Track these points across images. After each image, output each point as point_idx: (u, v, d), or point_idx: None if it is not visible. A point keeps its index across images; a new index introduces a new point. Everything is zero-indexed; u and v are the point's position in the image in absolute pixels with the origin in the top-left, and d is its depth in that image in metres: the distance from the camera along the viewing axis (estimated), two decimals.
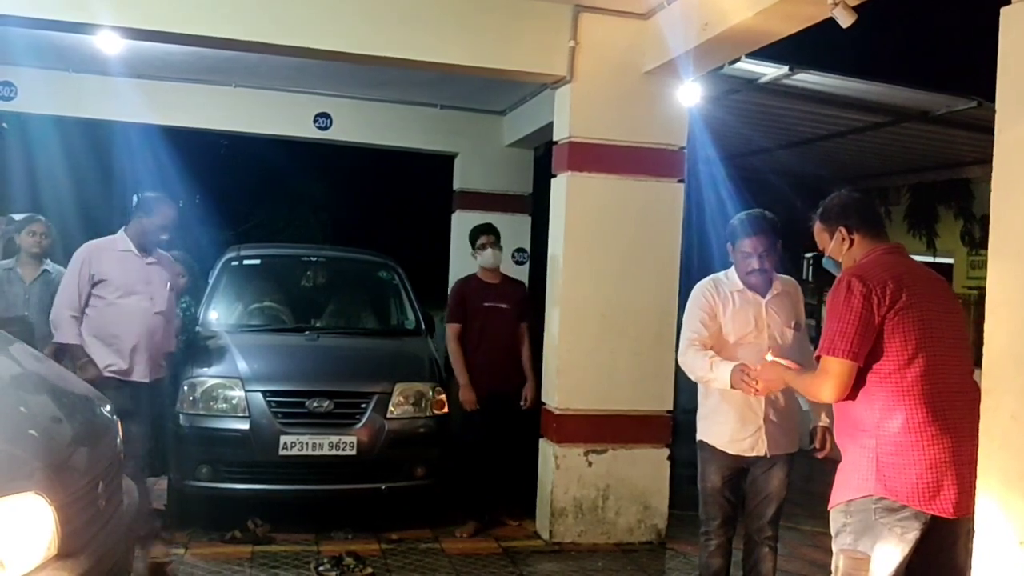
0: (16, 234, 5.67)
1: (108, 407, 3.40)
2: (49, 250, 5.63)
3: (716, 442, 3.91)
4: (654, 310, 5.54)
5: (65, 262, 5.77)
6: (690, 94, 5.52)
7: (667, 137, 5.60)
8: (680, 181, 5.64)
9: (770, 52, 5.21)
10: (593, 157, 5.52)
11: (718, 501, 3.95)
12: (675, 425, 5.65)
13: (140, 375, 4.89)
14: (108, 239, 5.05)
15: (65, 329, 4.82)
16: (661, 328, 5.52)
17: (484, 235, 5.75)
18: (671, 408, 5.66)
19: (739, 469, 3.93)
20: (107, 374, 4.77)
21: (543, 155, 8.59)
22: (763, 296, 3.87)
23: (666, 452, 5.62)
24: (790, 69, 5.69)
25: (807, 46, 5.37)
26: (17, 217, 5.98)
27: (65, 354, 4.83)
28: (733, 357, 3.72)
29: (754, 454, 3.86)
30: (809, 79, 5.95)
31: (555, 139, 5.74)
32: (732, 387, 3.63)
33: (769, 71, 5.78)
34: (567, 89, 5.55)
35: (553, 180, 5.77)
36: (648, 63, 5.47)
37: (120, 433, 3.35)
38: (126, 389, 4.78)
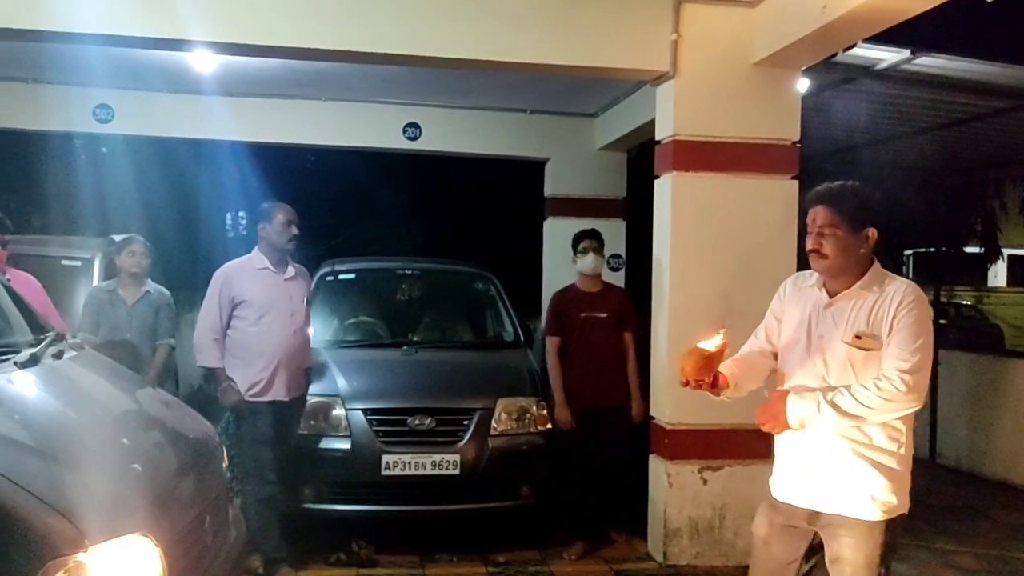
0: (116, 255, 5.67)
1: (214, 433, 3.26)
2: (149, 271, 5.61)
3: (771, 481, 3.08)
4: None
5: (164, 282, 5.79)
6: (802, 84, 5.17)
7: (779, 131, 5.26)
8: (794, 177, 5.29)
9: (887, 36, 4.84)
10: (699, 155, 5.22)
11: (760, 557, 3.07)
12: None
13: (280, 394, 4.85)
14: (244, 259, 5.03)
15: (207, 352, 4.81)
16: None
17: (587, 239, 5.49)
18: None
19: (798, 527, 2.97)
20: (248, 398, 4.74)
21: (637, 156, 8.32)
22: (830, 296, 2.91)
23: None
24: (912, 53, 5.28)
25: (926, 28, 4.99)
26: (117, 238, 5.98)
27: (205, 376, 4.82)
28: (788, 377, 2.96)
29: (803, 506, 2.91)
30: (931, 63, 5.52)
31: (657, 138, 5.45)
32: None
33: (888, 56, 5.38)
34: (670, 85, 5.26)
35: (656, 181, 5.48)
36: (757, 53, 5.15)
37: (226, 459, 3.22)
38: (267, 411, 4.76)
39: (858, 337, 2.79)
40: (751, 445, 5.19)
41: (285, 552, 4.87)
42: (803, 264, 5.27)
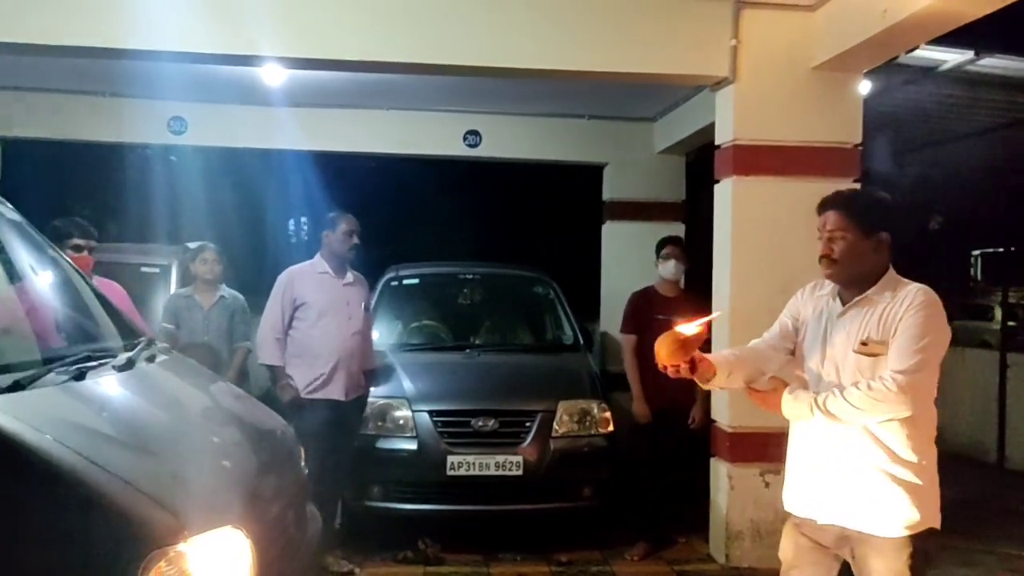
0: (190, 262, 5.91)
1: (291, 432, 3.42)
2: (222, 276, 5.83)
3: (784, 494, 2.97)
4: None
5: (237, 287, 6.00)
6: (864, 87, 5.17)
7: (840, 134, 5.26)
8: (856, 180, 5.26)
9: (950, 37, 4.82)
10: (760, 159, 5.25)
11: None
12: None
13: (337, 393, 5.02)
14: (307, 263, 5.27)
15: (269, 351, 5.04)
16: None
17: (670, 245, 5.59)
18: None
19: (826, 549, 2.86)
20: (305, 395, 4.92)
21: (696, 160, 8.33)
22: (843, 304, 2.85)
23: None
24: (976, 54, 5.25)
25: (989, 29, 4.94)
26: (191, 246, 6.22)
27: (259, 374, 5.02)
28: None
29: (826, 522, 2.80)
30: (996, 64, 5.48)
31: (717, 143, 5.49)
32: None
33: (951, 57, 5.36)
34: (729, 90, 5.30)
35: (716, 186, 5.53)
36: (817, 57, 5.16)
37: (304, 458, 3.37)
38: (323, 409, 4.92)
39: (864, 344, 2.73)
40: None
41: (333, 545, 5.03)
42: None
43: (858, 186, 5.26)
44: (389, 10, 5.10)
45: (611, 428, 5.58)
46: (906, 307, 2.69)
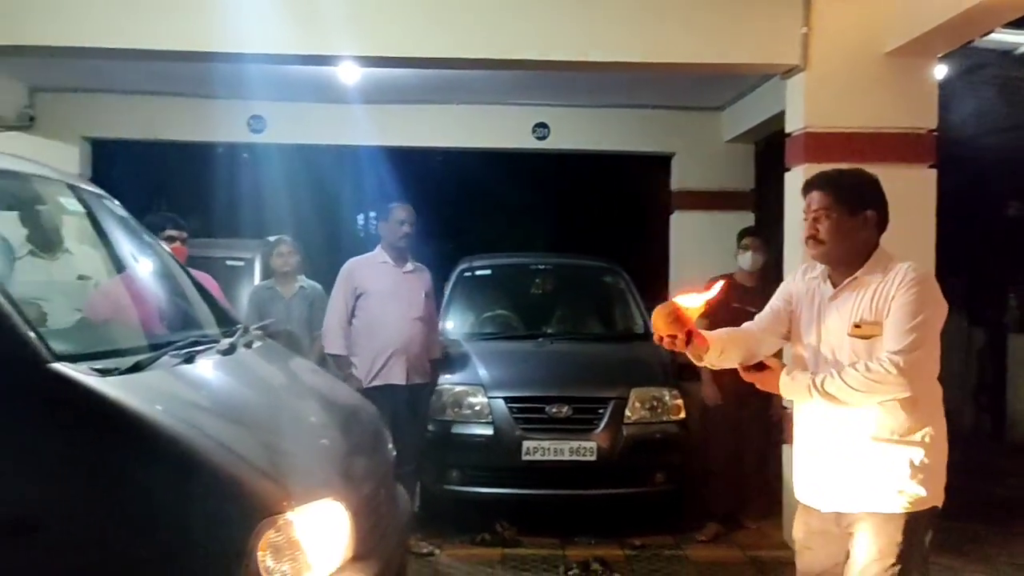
0: (269, 256, 6.16)
1: (379, 414, 3.58)
2: (299, 267, 6.05)
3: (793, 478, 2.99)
4: None
5: (315, 278, 6.23)
6: (939, 71, 5.12)
7: (914, 120, 5.22)
8: (932, 166, 5.24)
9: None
10: (832, 147, 5.22)
11: (802, 562, 2.93)
12: None
13: (398, 378, 5.17)
14: (368, 255, 5.46)
15: (333, 340, 5.22)
16: None
17: (749, 236, 5.64)
18: None
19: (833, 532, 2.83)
20: (367, 383, 5.09)
21: (765, 148, 8.30)
22: (834, 286, 2.81)
23: None
24: None
25: None
26: (272, 240, 6.47)
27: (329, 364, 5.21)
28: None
29: (828, 511, 2.80)
30: None
31: (788, 131, 5.50)
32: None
33: None
34: (800, 78, 5.30)
35: (787, 174, 5.53)
36: (890, 43, 5.12)
37: (391, 440, 3.53)
38: (386, 394, 5.08)
39: (857, 326, 2.69)
40: None
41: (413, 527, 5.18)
42: (942, 255, 5.26)
43: (934, 172, 5.24)
44: (460, 8, 5.22)
45: (683, 415, 5.64)
46: (898, 285, 2.65)
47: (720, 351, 2.79)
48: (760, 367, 2.83)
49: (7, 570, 2.23)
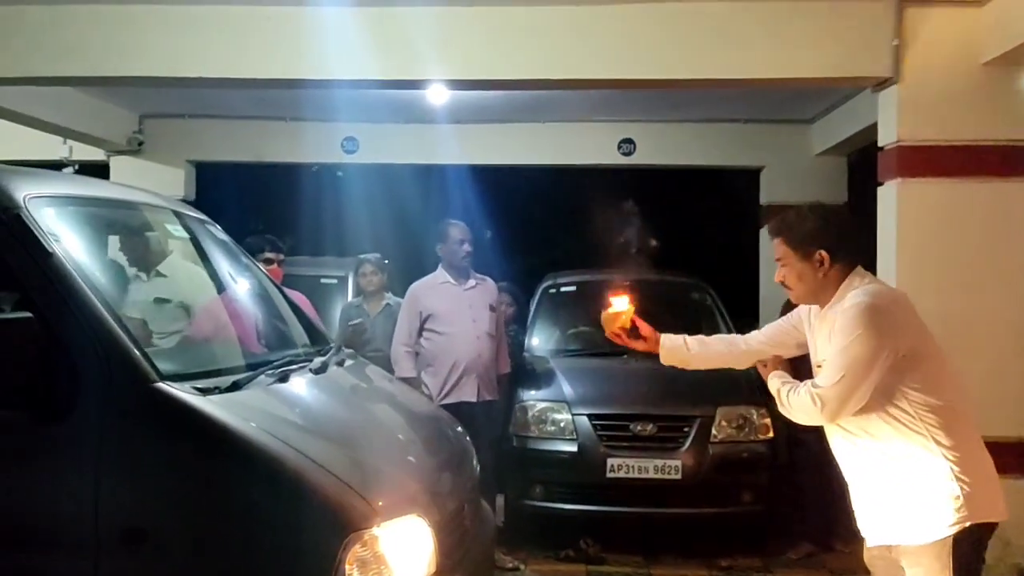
0: (355, 275, 6.37)
1: (464, 433, 3.67)
2: (385, 285, 6.22)
3: None
4: (1007, 323, 5.01)
5: (402, 294, 6.40)
6: None
7: (1014, 132, 5.03)
8: None
9: None
10: (926, 161, 5.10)
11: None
12: None
13: (468, 395, 5.22)
14: (430, 276, 5.52)
15: (402, 364, 5.30)
16: (1018, 343, 4.97)
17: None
18: None
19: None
20: (439, 402, 5.15)
21: (857, 161, 8.12)
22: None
23: None
24: None
25: None
26: (364, 257, 6.67)
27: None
28: None
29: (873, 544, 2.86)
30: None
31: (880, 144, 5.38)
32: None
33: None
34: (893, 90, 5.18)
35: (880, 189, 5.41)
36: (987, 53, 4.97)
37: (476, 458, 3.60)
38: (457, 411, 5.15)
39: (819, 366, 2.82)
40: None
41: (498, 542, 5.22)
42: None
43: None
44: (546, 30, 5.29)
45: (771, 434, 5.55)
46: (840, 319, 2.71)
47: (681, 359, 3.31)
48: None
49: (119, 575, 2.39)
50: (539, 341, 6.61)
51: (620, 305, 3.32)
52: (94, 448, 2.40)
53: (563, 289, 7.05)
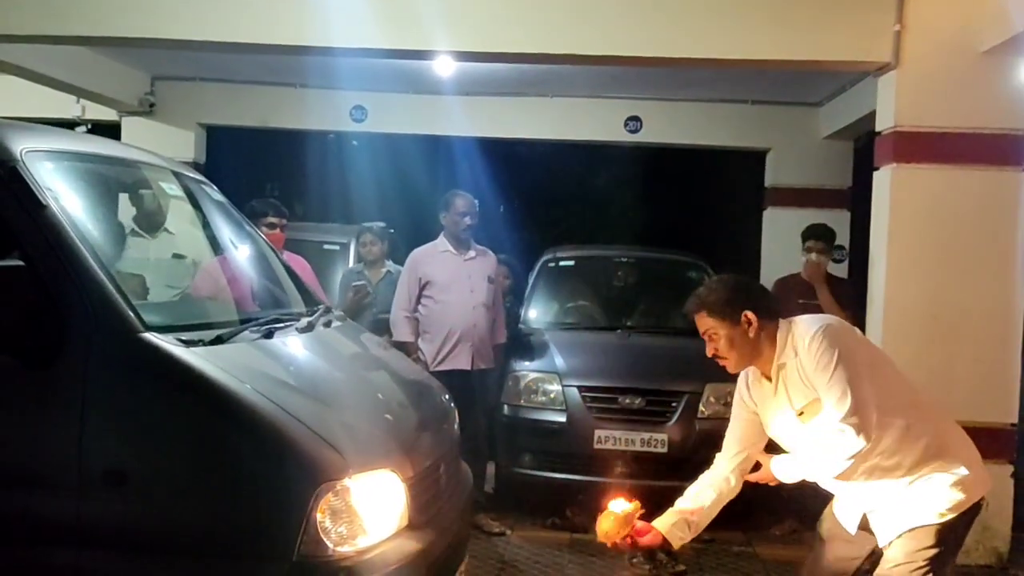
0: (356, 243, 6.46)
1: (447, 395, 3.77)
2: (385, 253, 6.30)
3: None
4: (995, 312, 5.06)
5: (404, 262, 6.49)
6: None
7: (1010, 121, 5.08)
8: None
9: None
10: (922, 147, 5.14)
11: (820, 549, 3.14)
12: (1020, 438, 5.12)
13: (462, 364, 5.34)
14: (430, 244, 5.63)
15: (401, 328, 5.42)
16: (1006, 331, 5.04)
17: (812, 240, 5.57)
18: (1015, 420, 5.13)
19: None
20: (433, 368, 5.27)
21: (864, 146, 8.11)
22: (769, 380, 3.02)
23: (1009, 469, 5.09)
24: None
25: None
26: (366, 226, 6.77)
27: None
28: None
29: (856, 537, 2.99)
30: None
31: (877, 129, 5.42)
32: None
33: None
34: (892, 76, 5.22)
35: (875, 173, 5.45)
36: (986, 42, 4.99)
37: (457, 420, 3.71)
38: (451, 379, 5.25)
39: (801, 413, 2.81)
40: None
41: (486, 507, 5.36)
42: None
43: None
44: (554, 4, 5.35)
45: None
46: (807, 358, 2.74)
47: (687, 528, 3.08)
48: (755, 468, 3.01)
49: (101, 515, 2.50)
50: (536, 314, 6.71)
51: (620, 507, 3.04)
52: (79, 394, 2.50)
53: (562, 264, 7.14)
